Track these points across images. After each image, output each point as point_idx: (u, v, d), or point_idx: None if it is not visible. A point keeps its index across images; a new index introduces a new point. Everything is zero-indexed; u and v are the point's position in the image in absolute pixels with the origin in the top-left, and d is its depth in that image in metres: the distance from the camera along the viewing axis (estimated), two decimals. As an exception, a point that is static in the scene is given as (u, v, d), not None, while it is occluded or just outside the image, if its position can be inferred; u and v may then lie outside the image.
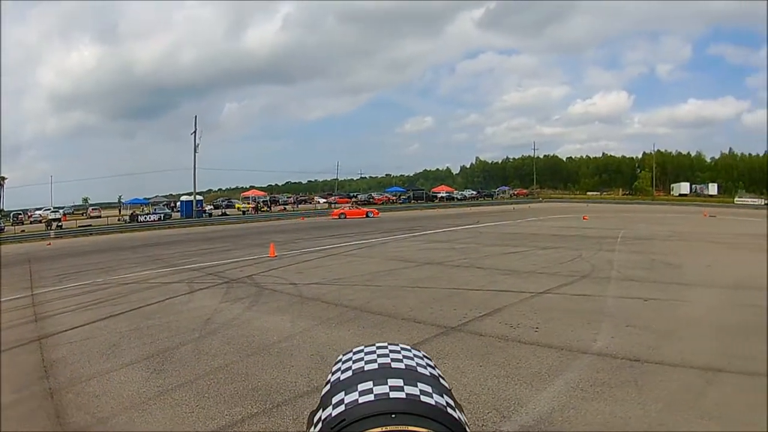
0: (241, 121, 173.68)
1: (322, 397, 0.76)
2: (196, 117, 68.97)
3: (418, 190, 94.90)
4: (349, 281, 13.79)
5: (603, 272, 14.25)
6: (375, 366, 0.77)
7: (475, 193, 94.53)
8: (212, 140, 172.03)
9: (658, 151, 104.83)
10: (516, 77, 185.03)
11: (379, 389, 0.71)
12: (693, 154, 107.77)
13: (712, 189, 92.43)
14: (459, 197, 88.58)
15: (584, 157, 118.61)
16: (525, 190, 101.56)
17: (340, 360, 0.83)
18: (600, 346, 7.74)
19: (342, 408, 0.70)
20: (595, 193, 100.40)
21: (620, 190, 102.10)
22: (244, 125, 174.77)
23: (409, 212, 59.66)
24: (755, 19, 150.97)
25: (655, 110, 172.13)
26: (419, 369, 0.77)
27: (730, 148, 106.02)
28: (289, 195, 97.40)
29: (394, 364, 0.77)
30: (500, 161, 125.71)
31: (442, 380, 0.78)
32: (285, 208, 73.96)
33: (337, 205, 67.34)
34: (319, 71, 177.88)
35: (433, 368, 0.80)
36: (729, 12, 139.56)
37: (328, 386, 0.77)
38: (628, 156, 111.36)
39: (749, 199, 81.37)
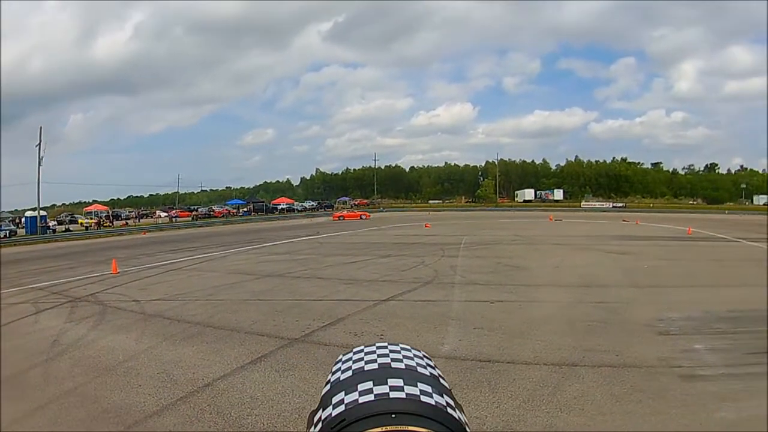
0: (86, 133, 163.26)
1: (322, 397, 0.77)
2: (41, 128, 62.95)
3: (258, 202, 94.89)
4: (191, 296, 13.53)
5: (447, 278, 14.70)
6: (375, 366, 0.78)
7: (315, 204, 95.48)
8: (56, 153, 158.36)
9: (502, 159, 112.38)
10: (360, 90, 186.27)
11: (379, 389, 0.72)
12: (538, 162, 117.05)
13: (558, 194, 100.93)
14: (299, 208, 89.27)
15: (427, 166, 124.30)
16: (365, 200, 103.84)
17: (340, 360, 0.85)
18: (448, 350, 7.91)
19: (342, 408, 0.71)
20: (437, 201, 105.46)
21: (463, 198, 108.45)
22: (89, 137, 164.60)
23: (250, 225, 59.23)
24: (605, 36, 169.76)
25: (501, 121, 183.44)
26: (419, 369, 0.79)
27: (576, 156, 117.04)
28: (131, 209, 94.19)
29: (394, 364, 0.78)
30: (341, 172, 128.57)
31: (442, 380, 0.80)
32: (127, 223, 71.77)
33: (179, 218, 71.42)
34: (163, 82, 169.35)
35: (433, 368, 0.82)
36: (581, 29, 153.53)
37: (328, 386, 0.79)
38: (471, 165, 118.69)
39: (596, 203, 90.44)
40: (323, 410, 0.73)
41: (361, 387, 0.73)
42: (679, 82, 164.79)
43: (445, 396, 0.74)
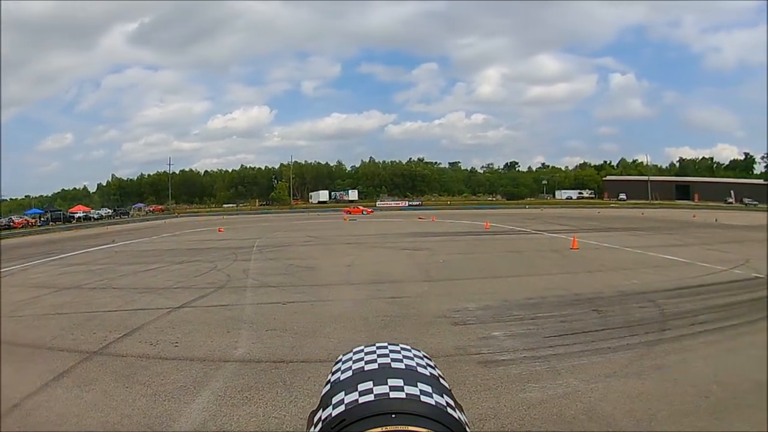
0: None
1: (322, 397, 0.77)
2: None
3: (55, 211, 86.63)
4: (-6, 314, 12.18)
5: (239, 281, 14.67)
6: (375, 366, 0.78)
7: (111, 211, 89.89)
8: None
9: (297, 162, 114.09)
10: (158, 93, 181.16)
11: (379, 389, 0.72)
12: (333, 164, 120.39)
13: (353, 195, 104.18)
14: (96, 216, 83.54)
15: (221, 170, 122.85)
16: (161, 206, 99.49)
17: (340, 360, 0.83)
18: (242, 353, 7.94)
19: (342, 408, 0.71)
20: (231, 205, 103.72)
21: (257, 200, 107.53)
22: None
23: (49, 235, 53.66)
24: (410, 43, 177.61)
25: (297, 124, 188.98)
26: (419, 369, 0.78)
27: (371, 157, 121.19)
28: None
29: (394, 364, 0.78)
30: (136, 178, 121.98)
31: (442, 380, 0.79)
32: None
33: None
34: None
35: (433, 368, 0.81)
36: (385, 35, 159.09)
37: (329, 386, 0.78)
38: (266, 168, 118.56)
39: (392, 202, 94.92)
40: (323, 410, 0.73)
41: (361, 387, 0.72)
42: (481, 86, 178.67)
43: (445, 396, 0.74)
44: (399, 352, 0.81)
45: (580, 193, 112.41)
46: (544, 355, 7.45)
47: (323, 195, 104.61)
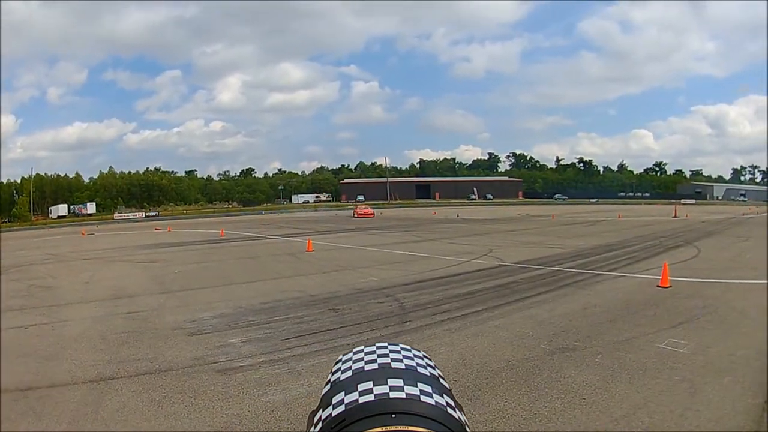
0: None
1: (322, 397, 0.77)
2: None
3: None
4: None
5: None
6: (375, 366, 0.78)
7: None
8: None
9: (38, 174, 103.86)
10: None
11: (379, 389, 0.72)
12: (72, 175, 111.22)
13: (91, 208, 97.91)
14: None
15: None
16: None
17: (341, 360, 0.84)
18: None
19: (342, 408, 0.71)
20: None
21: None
22: None
23: None
24: (156, 49, 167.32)
25: (41, 134, 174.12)
26: (419, 369, 0.78)
27: (110, 167, 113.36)
28: None
29: (394, 364, 0.78)
30: None
31: (442, 380, 0.79)
32: None
33: None
34: None
35: (433, 368, 0.81)
36: (134, 41, 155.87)
37: (329, 386, 0.78)
38: (8, 182, 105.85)
39: (129, 214, 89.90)
40: (323, 410, 0.74)
41: (361, 387, 0.73)
42: (222, 94, 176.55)
43: (445, 396, 0.75)
44: (399, 352, 0.82)
45: (317, 196, 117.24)
46: (283, 357, 7.76)
47: (62, 209, 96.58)
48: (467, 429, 0.74)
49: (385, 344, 0.85)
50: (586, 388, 6.26)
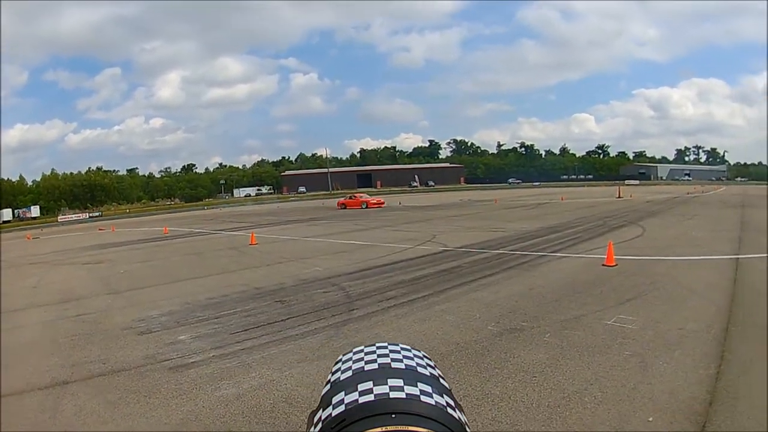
0: None
1: (322, 396, 0.78)
2: None
3: None
4: None
5: None
6: (375, 366, 0.79)
7: None
8: None
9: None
10: None
11: (379, 389, 0.73)
12: (15, 179, 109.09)
13: (35, 211, 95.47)
14: None
15: None
16: None
17: (341, 360, 0.85)
18: None
19: (342, 408, 0.72)
20: None
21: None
22: None
23: None
24: (95, 47, 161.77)
25: None
26: (419, 369, 0.79)
27: (53, 169, 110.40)
28: None
29: (394, 364, 0.79)
30: None
31: (442, 380, 0.81)
32: None
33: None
34: None
35: (433, 368, 0.82)
36: (73, 40, 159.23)
37: (329, 386, 0.79)
38: None
39: (73, 216, 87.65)
40: (323, 410, 0.74)
41: (361, 387, 0.74)
42: (161, 90, 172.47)
43: (445, 396, 0.75)
44: (399, 352, 0.82)
45: (258, 189, 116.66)
46: (233, 351, 7.83)
47: (6, 214, 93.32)
48: (467, 429, 0.75)
49: (385, 344, 0.86)
50: (536, 367, 6.48)
